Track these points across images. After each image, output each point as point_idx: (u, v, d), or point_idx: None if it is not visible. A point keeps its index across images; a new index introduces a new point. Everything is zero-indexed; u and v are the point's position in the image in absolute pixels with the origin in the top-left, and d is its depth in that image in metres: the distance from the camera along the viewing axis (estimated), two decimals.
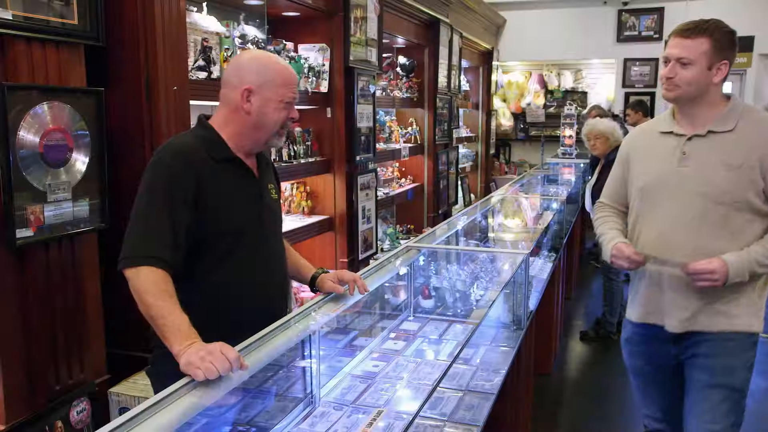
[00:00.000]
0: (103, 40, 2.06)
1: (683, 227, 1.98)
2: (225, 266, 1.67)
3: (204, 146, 1.66)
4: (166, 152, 1.63)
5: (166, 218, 1.55)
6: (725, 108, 1.95)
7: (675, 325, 2.03)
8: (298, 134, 3.44)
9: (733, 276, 1.89)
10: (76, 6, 1.95)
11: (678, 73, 1.91)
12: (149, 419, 1.24)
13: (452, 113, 5.79)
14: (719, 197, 1.91)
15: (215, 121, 1.73)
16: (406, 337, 2.58)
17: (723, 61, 1.92)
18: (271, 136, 1.73)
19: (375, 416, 1.90)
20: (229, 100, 1.69)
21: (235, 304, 1.68)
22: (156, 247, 1.53)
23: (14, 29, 1.78)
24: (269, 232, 1.80)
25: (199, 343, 1.40)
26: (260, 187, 1.78)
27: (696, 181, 1.95)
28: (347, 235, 3.72)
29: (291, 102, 1.73)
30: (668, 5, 7.96)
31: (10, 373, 1.87)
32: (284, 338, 1.72)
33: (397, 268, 2.58)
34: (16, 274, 1.88)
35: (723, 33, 1.92)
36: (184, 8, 2.32)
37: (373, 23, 3.86)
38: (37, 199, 1.87)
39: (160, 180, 1.58)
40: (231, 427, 1.77)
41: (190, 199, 1.58)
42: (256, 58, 1.74)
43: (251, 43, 2.93)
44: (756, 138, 1.91)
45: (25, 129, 1.82)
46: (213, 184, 1.64)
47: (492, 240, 4.22)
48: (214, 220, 1.63)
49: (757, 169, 1.89)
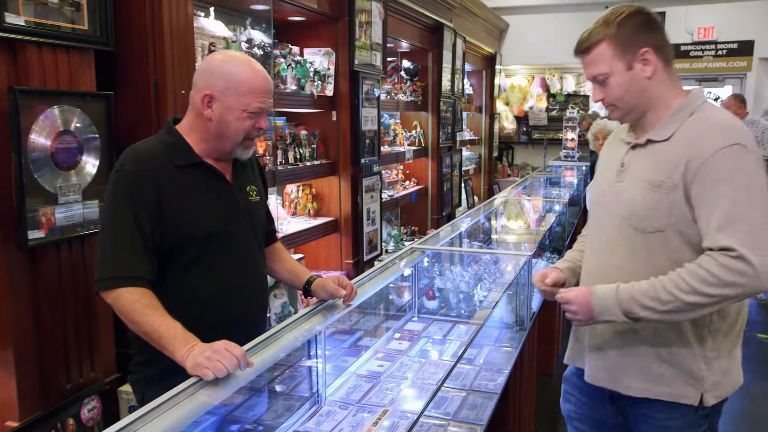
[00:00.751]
0: (113, 44, 2.07)
1: (604, 257, 1.60)
2: (195, 272, 1.60)
3: (167, 152, 1.58)
4: (126, 160, 1.56)
5: (133, 231, 1.50)
6: (670, 111, 1.53)
7: (589, 375, 1.66)
8: (303, 137, 3.45)
9: (599, 311, 1.48)
10: (87, 12, 1.97)
11: (604, 92, 1.56)
12: (158, 418, 1.25)
13: (456, 116, 5.78)
14: (639, 224, 1.50)
15: (183, 125, 1.65)
16: (410, 337, 2.58)
17: (640, 50, 1.50)
18: (235, 146, 1.62)
19: (380, 415, 1.90)
20: (193, 102, 1.61)
21: (208, 310, 1.60)
22: (129, 266, 1.48)
23: (26, 35, 1.79)
24: (244, 236, 1.69)
25: (201, 344, 1.39)
26: (233, 191, 1.68)
27: (622, 201, 1.55)
28: (352, 236, 3.72)
29: (257, 112, 1.59)
30: (669, 9, 7.94)
31: (24, 372, 1.88)
32: (290, 338, 1.73)
33: (401, 269, 2.58)
34: (29, 274, 1.89)
35: (620, 23, 1.51)
36: (191, 13, 2.33)
37: (377, 28, 3.86)
38: (48, 201, 1.88)
39: (121, 190, 1.52)
40: (239, 426, 1.78)
41: (152, 208, 1.52)
42: (225, 61, 1.60)
43: (257, 47, 2.94)
44: (684, 150, 1.45)
45: (37, 132, 1.83)
46: (176, 190, 1.56)
47: (495, 242, 4.22)
48: (178, 228, 1.56)
49: (680, 189, 1.44)
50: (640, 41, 1.51)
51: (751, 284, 1.36)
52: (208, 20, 2.74)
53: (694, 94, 1.54)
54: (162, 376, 1.50)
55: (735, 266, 1.35)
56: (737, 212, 1.37)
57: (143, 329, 1.44)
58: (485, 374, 2.33)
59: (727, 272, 1.35)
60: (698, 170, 1.41)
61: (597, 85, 1.57)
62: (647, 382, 1.55)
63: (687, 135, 1.47)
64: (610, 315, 1.47)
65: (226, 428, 1.75)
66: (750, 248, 1.35)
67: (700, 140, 1.44)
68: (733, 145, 1.40)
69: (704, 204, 1.41)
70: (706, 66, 7.92)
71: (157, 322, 1.43)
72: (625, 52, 1.51)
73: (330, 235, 3.67)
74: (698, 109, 1.51)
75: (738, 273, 1.35)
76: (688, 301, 1.39)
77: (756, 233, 1.36)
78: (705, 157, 1.41)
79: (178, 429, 1.28)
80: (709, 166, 1.40)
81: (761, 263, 1.35)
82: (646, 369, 1.55)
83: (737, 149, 1.40)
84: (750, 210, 1.38)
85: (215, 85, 1.56)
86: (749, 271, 1.34)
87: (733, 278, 1.35)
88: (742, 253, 1.34)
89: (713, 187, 1.40)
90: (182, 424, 1.29)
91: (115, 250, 1.50)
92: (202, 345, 1.39)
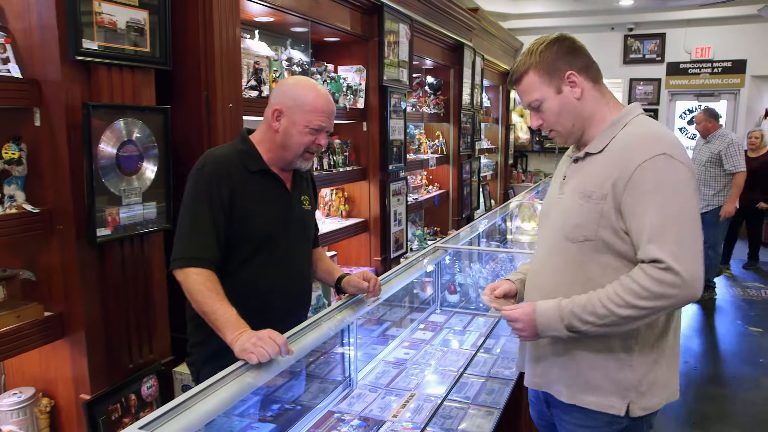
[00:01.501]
0: (170, 64, 2.11)
1: (543, 267, 1.51)
2: (251, 265, 1.65)
3: (240, 158, 1.65)
4: (207, 161, 1.63)
5: (208, 220, 1.56)
6: (605, 125, 1.43)
7: (528, 379, 1.57)
8: (337, 146, 3.47)
9: (542, 328, 1.38)
10: (149, 36, 2.01)
11: (541, 117, 1.47)
12: (209, 396, 1.27)
13: (475, 127, 5.75)
14: (570, 233, 1.40)
15: (255, 135, 1.72)
16: (433, 328, 2.58)
17: (565, 74, 1.42)
18: (296, 157, 1.67)
19: (408, 398, 1.90)
20: (265, 116, 1.69)
21: (258, 300, 1.64)
22: (201, 248, 1.54)
23: (98, 57, 1.84)
24: (295, 241, 1.74)
25: (249, 331, 1.42)
26: (291, 199, 1.73)
27: (559, 213, 1.46)
28: (380, 236, 3.73)
29: (318, 129, 1.64)
30: (669, 31, 8.02)
31: (94, 352, 1.92)
32: (326, 328, 1.74)
33: (425, 266, 2.58)
34: (97, 268, 1.93)
35: (541, 52, 1.44)
36: (239, 36, 2.37)
37: (404, 47, 3.87)
38: (113, 202, 1.92)
39: (201, 185, 1.59)
40: (279, 405, 1.80)
41: (225, 203, 1.58)
42: (297, 84, 1.68)
43: (297, 65, 2.96)
44: (614, 162, 1.36)
45: (105, 142, 1.88)
46: (245, 192, 1.62)
47: (510, 241, 4.19)
48: (244, 224, 1.61)
49: (609, 200, 1.34)
50: (560, 66, 1.43)
51: (681, 295, 1.26)
52: (253, 41, 2.78)
53: (628, 108, 1.45)
54: (214, 356, 1.56)
55: (664, 278, 1.25)
56: (665, 223, 1.27)
57: (203, 309, 1.49)
58: (502, 362, 2.32)
59: (657, 284, 1.26)
60: (627, 182, 1.31)
61: (534, 112, 1.48)
62: (575, 389, 1.44)
63: (617, 147, 1.38)
64: (554, 331, 1.37)
65: (268, 406, 1.78)
66: (678, 259, 1.25)
67: (629, 152, 1.34)
68: (659, 156, 1.30)
69: (635, 215, 1.31)
70: (702, 82, 7.99)
71: (216, 305, 1.47)
72: (551, 78, 1.43)
73: (360, 234, 3.68)
74: (631, 122, 1.41)
75: (667, 285, 1.25)
76: (622, 315, 1.29)
77: (683, 243, 1.26)
78: (632, 168, 1.31)
79: (226, 407, 1.31)
80: (636, 177, 1.30)
81: (690, 273, 1.25)
82: (575, 375, 1.44)
83: (663, 159, 1.29)
84: (677, 220, 1.27)
85: (284, 102, 1.63)
86: (678, 282, 1.25)
87: (663, 290, 1.25)
88: (670, 265, 1.25)
89: (641, 198, 1.30)
90: (229, 403, 1.31)
91: (191, 236, 1.56)
92: (250, 332, 1.41)
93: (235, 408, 1.53)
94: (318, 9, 2.96)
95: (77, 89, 1.83)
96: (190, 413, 1.21)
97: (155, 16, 2.02)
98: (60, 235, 1.87)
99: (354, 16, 3.33)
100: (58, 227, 1.86)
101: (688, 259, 1.26)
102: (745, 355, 4.09)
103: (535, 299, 1.44)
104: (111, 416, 1.96)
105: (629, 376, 1.39)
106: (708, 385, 3.67)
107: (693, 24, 7.80)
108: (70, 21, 1.75)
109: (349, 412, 1.82)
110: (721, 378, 3.77)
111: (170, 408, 1.20)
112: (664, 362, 1.42)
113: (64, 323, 1.92)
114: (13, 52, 1.79)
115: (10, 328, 1.77)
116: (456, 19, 4.90)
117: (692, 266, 1.26)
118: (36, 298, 1.90)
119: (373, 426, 1.74)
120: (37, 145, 1.85)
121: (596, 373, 1.41)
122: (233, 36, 2.31)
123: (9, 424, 1.86)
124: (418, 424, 1.74)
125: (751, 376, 3.71)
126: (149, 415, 1.17)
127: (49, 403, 1.98)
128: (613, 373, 1.40)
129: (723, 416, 3.28)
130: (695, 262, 1.27)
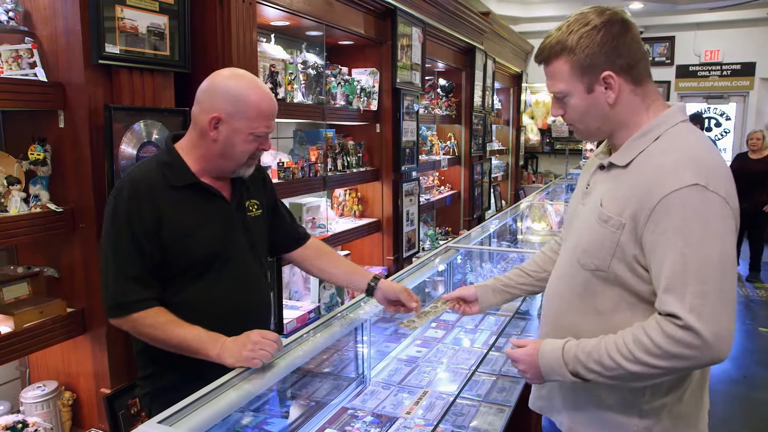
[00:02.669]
0: (189, 67, 2.12)
1: (554, 288, 1.32)
2: (194, 289, 1.45)
3: (163, 173, 1.42)
4: (124, 185, 1.41)
5: (133, 253, 1.36)
6: (637, 132, 1.17)
7: (531, 401, 1.44)
8: (351, 147, 3.46)
9: (546, 372, 1.20)
10: (168, 40, 2.02)
11: (563, 108, 1.22)
12: (227, 391, 1.28)
13: (486, 129, 5.72)
14: (581, 258, 1.20)
15: (182, 143, 1.47)
16: (445, 326, 2.56)
17: (602, 74, 1.15)
18: (238, 166, 1.45)
19: (420, 396, 1.89)
20: (197, 121, 1.43)
21: (207, 325, 1.39)
22: (137, 290, 1.37)
23: (120, 61, 1.85)
24: (243, 253, 1.51)
25: (229, 339, 1.34)
26: (231, 209, 1.50)
27: (576, 227, 1.26)
28: (393, 235, 3.72)
29: (263, 135, 1.43)
30: (678, 34, 7.97)
31: (114, 348, 1.94)
32: (339, 326, 1.73)
33: (437, 265, 2.56)
34: None
35: (580, 38, 1.14)
36: (256, 40, 2.37)
37: (417, 50, 3.85)
38: None
39: (120, 214, 1.37)
40: (294, 401, 1.80)
41: (150, 231, 1.37)
42: (236, 83, 1.40)
43: (312, 68, 2.96)
44: (637, 186, 1.11)
45: (126, 143, 1.89)
46: (174, 212, 1.40)
47: (521, 241, 4.16)
48: (179, 248, 1.41)
49: (627, 231, 1.11)
50: (604, 63, 1.14)
51: (701, 357, 1.04)
52: (270, 45, 2.78)
53: (666, 114, 1.16)
54: (167, 389, 1.43)
55: (681, 337, 1.03)
56: (687, 270, 1.03)
57: (171, 343, 1.36)
58: None
59: (672, 343, 1.04)
60: (649, 215, 1.08)
61: (556, 100, 1.23)
62: (575, 422, 1.29)
63: (644, 166, 1.13)
64: (558, 375, 1.18)
65: (283, 402, 1.77)
66: (699, 316, 1.02)
67: (655, 176, 1.09)
68: (689, 187, 1.04)
69: (655, 254, 1.08)
70: (712, 85, 7.94)
71: (181, 333, 1.35)
72: (584, 73, 1.15)
73: (373, 234, 3.68)
74: (666, 134, 1.14)
75: (684, 345, 1.03)
76: (631, 371, 1.08)
77: (708, 297, 1.03)
78: (656, 199, 1.07)
79: (243, 402, 1.31)
80: (660, 210, 1.06)
81: (713, 334, 1.02)
82: (579, 408, 1.27)
83: (694, 191, 1.04)
84: (703, 268, 1.03)
85: (222, 107, 1.38)
86: (697, 343, 1.03)
87: (679, 350, 1.04)
88: (689, 323, 1.02)
89: (661, 237, 1.06)
90: (246, 398, 1.31)
91: (119, 276, 1.37)
92: (233, 340, 1.34)
93: (250, 403, 1.52)
94: (332, 13, 2.96)
95: (99, 92, 1.84)
96: (208, 408, 1.21)
97: (175, 21, 2.03)
98: (82, 234, 1.88)
99: (368, 20, 3.33)
100: (80, 226, 1.88)
101: (711, 317, 1.03)
102: (756, 355, 4.03)
103: (545, 332, 1.29)
104: (130, 410, 1.97)
105: (635, 422, 1.20)
106: (718, 385, 3.62)
107: (702, 27, 7.74)
108: (94, 26, 1.76)
109: (362, 409, 1.81)
110: (732, 378, 3.71)
111: (188, 403, 1.20)
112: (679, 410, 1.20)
113: (86, 319, 1.93)
114: (39, 56, 1.81)
115: (34, 323, 1.79)
116: (468, 23, 4.87)
117: (716, 325, 1.03)
118: (59, 295, 1.92)
119: (386, 423, 1.72)
120: (61, 146, 1.87)
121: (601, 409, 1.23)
122: (250, 40, 2.31)
123: (34, 415, 1.88)
124: (431, 421, 1.72)
125: (762, 377, 3.66)
126: (168, 410, 1.17)
127: (71, 396, 2.00)
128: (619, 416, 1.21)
129: (734, 417, 3.23)
130: (721, 319, 1.03)
